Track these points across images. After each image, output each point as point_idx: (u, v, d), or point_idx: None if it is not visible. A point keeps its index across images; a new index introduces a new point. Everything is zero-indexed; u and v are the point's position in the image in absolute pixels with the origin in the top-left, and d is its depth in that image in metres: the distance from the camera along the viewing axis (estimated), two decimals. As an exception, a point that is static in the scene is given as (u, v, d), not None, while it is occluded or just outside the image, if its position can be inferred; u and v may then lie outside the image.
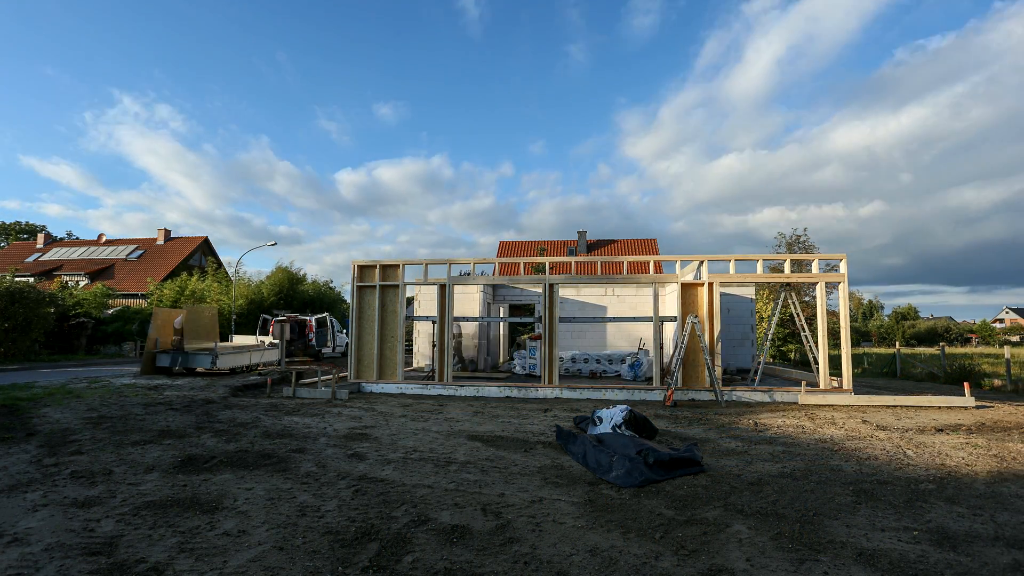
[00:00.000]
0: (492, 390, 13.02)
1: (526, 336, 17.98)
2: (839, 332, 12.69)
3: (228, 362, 15.53)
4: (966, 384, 12.02)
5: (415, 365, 19.08)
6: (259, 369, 17.28)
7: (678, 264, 13.37)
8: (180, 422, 8.54)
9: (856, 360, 24.13)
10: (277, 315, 24.72)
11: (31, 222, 60.28)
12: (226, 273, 38.59)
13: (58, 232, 67.55)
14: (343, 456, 6.52)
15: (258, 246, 33.49)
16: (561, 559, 3.68)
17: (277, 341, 19.49)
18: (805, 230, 28.87)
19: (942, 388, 15.55)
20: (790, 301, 13.82)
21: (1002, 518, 4.52)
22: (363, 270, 14.35)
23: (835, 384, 12.73)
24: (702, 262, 13.13)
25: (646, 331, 19.95)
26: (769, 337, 13.63)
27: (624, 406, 8.01)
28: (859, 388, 13.85)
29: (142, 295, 33.89)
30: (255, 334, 22.63)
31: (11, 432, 7.49)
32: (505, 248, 45.60)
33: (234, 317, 29.53)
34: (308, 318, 24.13)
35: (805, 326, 13.57)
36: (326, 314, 25.57)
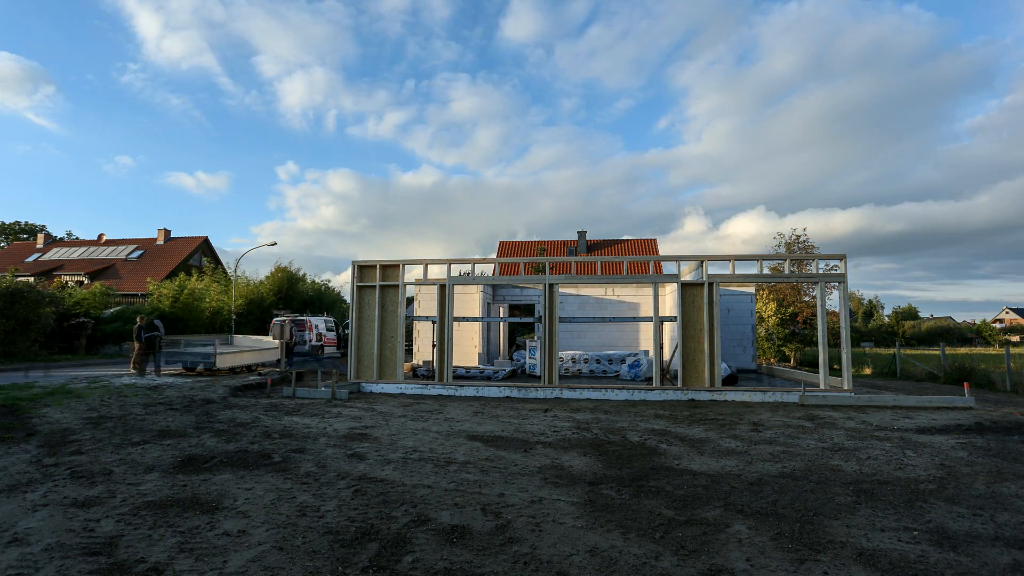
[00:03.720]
0: (492, 390, 13.02)
1: (526, 336, 17.97)
2: (839, 332, 12.69)
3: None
4: (966, 384, 12.02)
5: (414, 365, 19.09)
6: (258, 370, 17.29)
7: (678, 264, 13.37)
8: (180, 422, 8.54)
9: (856, 360, 24.14)
10: (277, 315, 24.75)
11: (31, 222, 60.25)
12: (225, 273, 38.60)
13: (58, 232, 67.45)
14: (343, 456, 6.52)
15: (258, 246, 33.49)
16: (561, 559, 3.68)
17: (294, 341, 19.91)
18: (804, 230, 28.86)
19: (942, 388, 15.56)
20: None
21: (1002, 518, 4.52)
22: (363, 270, 14.35)
23: (835, 384, 12.73)
24: (702, 262, 13.14)
25: (646, 331, 19.96)
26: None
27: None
28: (859, 388, 13.86)
29: (142, 295, 33.88)
30: (263, 334, 22.93)
31: (11, 432, 7.49)
32: (505, 248, 45.60)
33: (234, 317, 29.52)
34: (308, 319, 24.17)
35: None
36: (332, 318, 25.82)
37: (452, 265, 13.89)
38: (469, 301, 19.72)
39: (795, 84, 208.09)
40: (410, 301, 24.72)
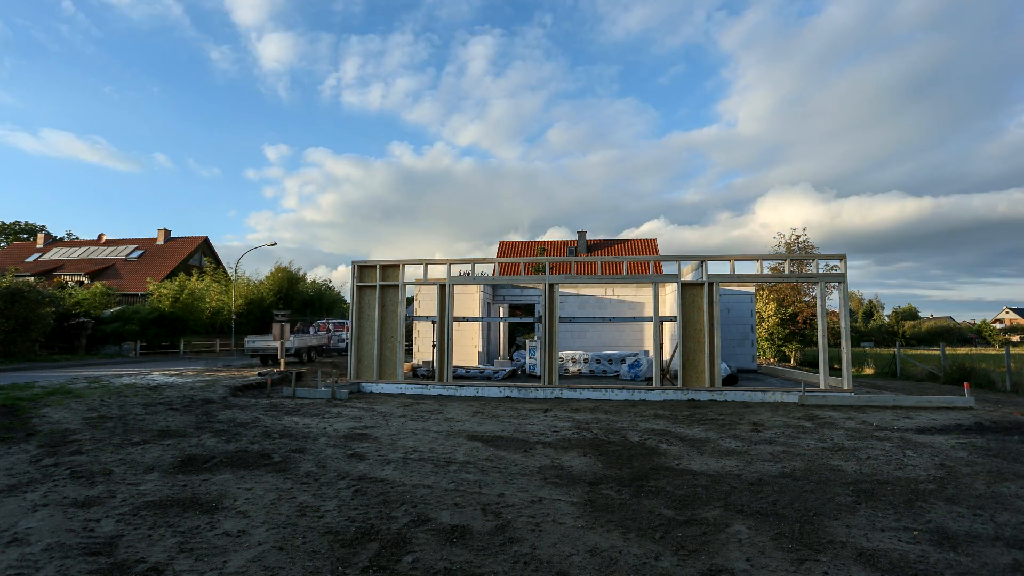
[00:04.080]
0: (492, 390, 13.02)
1: (526, 336, 17.99)
2: (839, 332, 12.69)
3: None
4: (966, 384, 12.02)
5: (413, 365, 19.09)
6: (259, 371, 17.36)
7: (678, 264, 13.37)
8: (180, 422, 8.54)
9: (857, 360, 24.12)
10: (277, 315, 24.81)
11: (31, 222, 60.25)
12: (225, 273, 38.61)
13: (58, 232, 67.30)
14: (343, 456, 6.52)
15: (258, 246, 33.55)
16: (561, 559, 3.68)
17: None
18: (804, 230, 28.87)
19: (942, 388, 15.55)
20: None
21: (1002, 518, 4.52)
22: (363, 270, 14.35)
23: (835, 384, 12.73)
24: (702, 262, 13.13)
25: (646, 331, 19.96)
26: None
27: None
28: (859, 388, 13.86)
29: (142, 295, 33.89)
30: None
31: (11, 432, 7.49)
32: (505, 248, 45.59)
33: (234, 317, 29.51)
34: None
35: None
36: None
37: (452, 265, 13.89)
38: (469, 301, 19.71)
39: (852, 50, 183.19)
40: (410, 301, 24.74)
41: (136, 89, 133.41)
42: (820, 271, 18.57)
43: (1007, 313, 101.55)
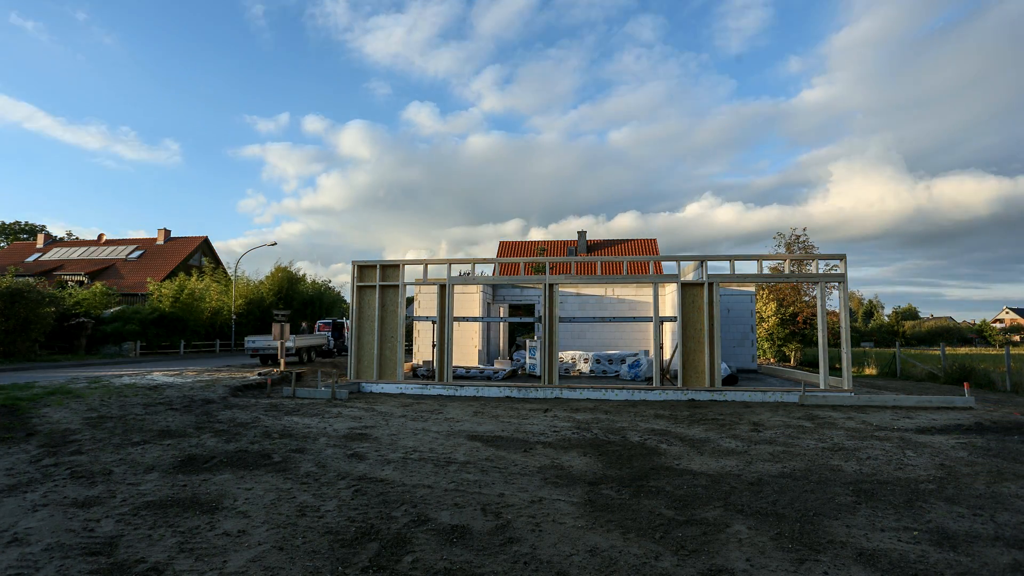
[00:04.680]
0: (492, 390, 13.01)
1: (526, 336, 17.98)
2: (839, 332, 12.69)
3: None
4: (966, 384, 12.01)
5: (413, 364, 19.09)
6: (258, 372, 17.37)
7: (678, 264, 13.37)
8: (180, 422, 8.54)
9: (859, 359, 24.10)
10: (277, 315, 24.84)
11: (31, 222, 60.23)
12: (225, 272, 38.62)
13: (58, 232, 67.04)
14: (343, 456, 6.52)
15: (258, 246, 33.56)
16: (561, 559, 3.68)
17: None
18: (804, 230, 28.83)
19: (942, 388, 15.55)
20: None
21: (1002, 518, 4.52)
22: (363, 270, 14.36)
23: (835, 384, 12.72)
24: (702, 262, 13.13)
25: (646, 331, 19.97)
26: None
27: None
28: (859, 388, 13.85)
29: (142, 295, 33.87)
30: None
31: (11, 432, 7.49)
32: (505, 248, 45.57)
33: (234, 317, 29.49)
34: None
35: None
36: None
37: (452, 265, 13.89)
38: (469, 301, 19.71)
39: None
40: (410, 301, 24.75)
41: (60, 21, 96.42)
42: (820, 271, 18.57)
43: (1007, 313, 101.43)
